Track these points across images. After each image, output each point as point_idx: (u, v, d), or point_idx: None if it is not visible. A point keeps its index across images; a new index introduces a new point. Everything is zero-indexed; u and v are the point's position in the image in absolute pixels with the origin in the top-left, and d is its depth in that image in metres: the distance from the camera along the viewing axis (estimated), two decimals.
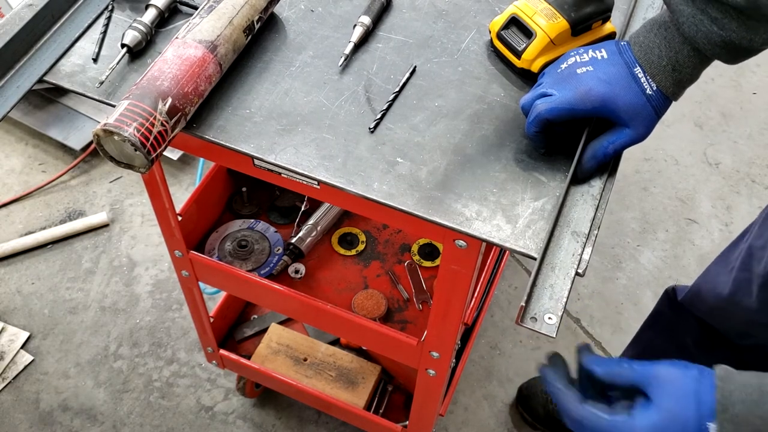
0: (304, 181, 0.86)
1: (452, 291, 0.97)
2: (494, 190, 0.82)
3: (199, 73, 0.83)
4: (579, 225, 0.78)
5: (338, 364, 1.56)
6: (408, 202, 0.80)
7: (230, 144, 0.85)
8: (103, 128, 0.77)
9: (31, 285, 1.99)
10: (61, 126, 2.22)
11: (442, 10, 1.00)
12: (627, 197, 2.24)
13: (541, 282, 0.73)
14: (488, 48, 0.96)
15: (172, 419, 1.77)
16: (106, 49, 0.93)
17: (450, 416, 1.80)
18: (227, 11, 0.88)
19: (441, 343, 1.10)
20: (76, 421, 1.77)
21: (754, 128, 2.43)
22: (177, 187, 2.18)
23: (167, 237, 1.26)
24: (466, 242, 0.85)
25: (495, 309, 1.98)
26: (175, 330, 1.91)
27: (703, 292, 1.31)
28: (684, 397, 0.68)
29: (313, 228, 1.48)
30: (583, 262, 0.75)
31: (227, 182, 1.47)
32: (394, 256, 1.50)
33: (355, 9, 0.99)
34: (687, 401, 0.68)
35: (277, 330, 1.61)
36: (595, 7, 0.90)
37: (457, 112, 0.89)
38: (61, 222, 2.12)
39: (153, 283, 2.00)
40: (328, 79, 0.91)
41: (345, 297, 1.43)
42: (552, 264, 0.75)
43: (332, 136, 0.86)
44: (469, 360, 1.87)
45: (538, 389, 1.76)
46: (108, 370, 1.85)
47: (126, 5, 0.98)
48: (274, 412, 1.78)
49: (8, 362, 1.84)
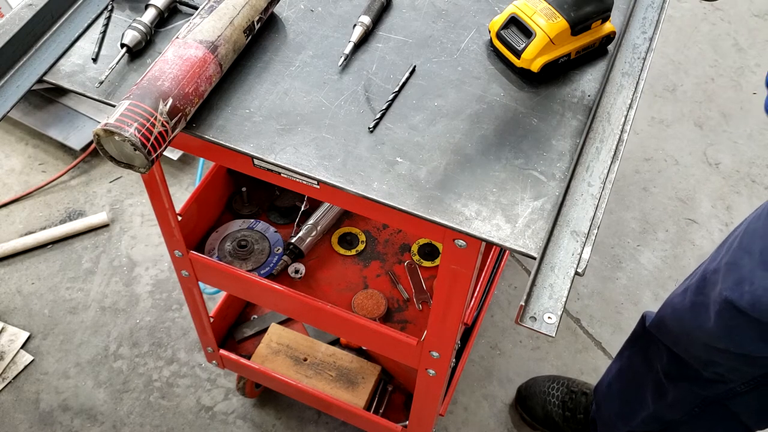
0: (303, 181, 0.86)
1: (452, 291, 0.97)
2: (494, 190, 0.82)
3: (199, 74, 0.83)
4: (578, 225, 0.78)
5: (338, 364, 1.56)
6: (408, 202, 0.80)
7: (230, 144, 0.85)
8: (103, 128, 0.77)
9: (31, 285, 1.99)
10: (61, 126, 2.22)
11: (442, 10, 1.00)
12: (627, 197, 2.24)
13: (541, 281, 0.73)
14: (488, 48, 0.96)
15: (172, 419, 1.77)
16: (105, 49, 0.93)
17: (450, 416, 1.80)
18: (228, 11, 0.88)
19: (441, 343, 1.10)
20: (76, 421, 1.77)
21: (754, 128, 2.43)
22: (177, 187, 2.18)
23: (167, 237, 1.26)
24: (466, 242, 0.85)
25: (495, 309, 1.98)
26: (175, 330, 1.92)
27: (666, 319, 1.31)
28: None
29: (313, 228, 1.48)
30: (582, 262, 0.75)
31: (227, 182, 1.47)
32: (394, 256, 1.50)
33: (355, 9, 0.99)
34: None
35: (277, 330, 1.61)
36: (594, 6, 0.90)
37: (457, 112, 0.89)
38: (61, 222, 2.12)
39: (153, 283, 2.00)
40: (328, 78, 0.91)
41: (345, 297, 1.43)
42: (551, 263, 0.75)
43: (332, 135, 0.86)
44: (469, 360, 1.87)
45: (536, 389, 1.76)
46: (108, 370, 1.85)
47: (126, 5, 0.98)
48: (274, 412, 1.78)
49: (8, 362, 1.84)
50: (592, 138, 0.85)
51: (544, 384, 1.77)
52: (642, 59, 0.94)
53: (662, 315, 1.33)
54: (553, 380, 1.77)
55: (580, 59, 0.94)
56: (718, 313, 1.14)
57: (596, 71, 0.94)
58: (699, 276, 1.21)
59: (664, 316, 1.32)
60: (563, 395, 1.73)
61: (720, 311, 1.13)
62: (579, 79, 0.93)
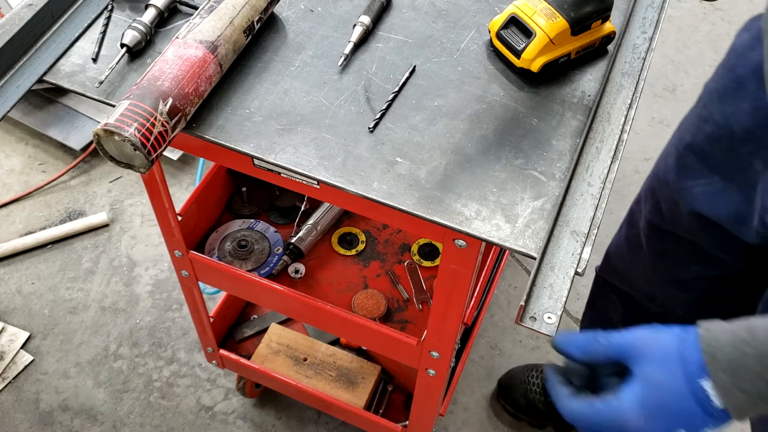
0: (303, 181, 0.86)
1: (452, 291, 0.97)
2: (494, 190, 0.82)
3: (199, 74, 0.83)
4: (578, 224, 0.78)
5: (338, 364, 1.56)
6: (407, 202, 0.80)
7: (230, 144, 0.85)
8: (103, 128, 0.77)
9: (31, 285, 1.99)
10: (61, 126, 2.22)
11: (442, 10, 1.00)
12: (627, 197, 2.23)
13: (541, 281, 0.73)
14: (488, 48, 0.96)
15: (172, 419, 1.77)
16: (105, 49, 0.93)
17: (450, 416, 1.80)
18: (228, 11, 0.88)
19: (441, 343, 1.10)
20: (76, 421, 1.77)
21: None
22: (177, 187, 2.18)
23: (167, 237, 1.26)
24: (466, 242, 0.85)
25: (495, 309, 1.98)
26: (175, 330, 1.92)
27: (610, 258, 1.38)
28: (666, 360, 0.61)
29: (313, 228, 1.48)
30: (582, 262, 0.75)
31: (227, 182, 1.47)
32: (394, 256, 1.50)
33: (355, 9, 0.99)
34: (670, 364, 0.61)
35: (277, 330, 1.61)
36: (594, 6, 0.90)
37: (457, 112, 0.89)
38: (61, 222, 2.12)
39: (153, 283, 2.00)
40: (328, 78, 0.91)
41: (345, 297, 1.43)
42: (551, 263, 0.75)
43: (332, 135, 0.86)
44: (469, 360, 1.87)
45: (517, 380, 1.78)
46: (108, 370, 1.85)
47: (126, 5, 0.98)
48: (274, 412, 1.78)
49: (8, 362, 1.84)
50: (592, 138, 0.85)
51: (524, 373, 1.78)
52: (642, 59, 0.94)
53: (606, 256, 1.39)
54: (531, 368, 1.78)
55: (580, 59, 0.94)
56: (647, 240, 1.20)
57: (596, 71, 0.94)
58: (628, 211, 1.29)
59: (608, 255, 1.38)
60: (543, 381, 1.73)
61: (648, 237, 1.19)
62: (579, 79, 0.93)
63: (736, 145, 0.96)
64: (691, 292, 1.23)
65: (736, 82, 0.96)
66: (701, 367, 0.59)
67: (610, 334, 0.66)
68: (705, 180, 1.03)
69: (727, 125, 0.97)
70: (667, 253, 1.19)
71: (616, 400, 0.62)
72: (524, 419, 1.77)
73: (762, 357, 0.57)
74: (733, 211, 1.00)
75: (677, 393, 0.60)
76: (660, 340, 0.63)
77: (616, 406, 0.62)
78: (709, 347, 0.59)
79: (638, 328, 0.66)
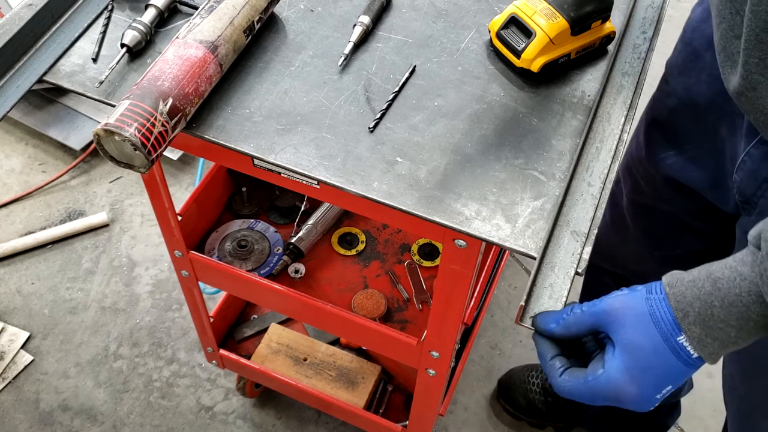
0: (303, 181, 0.86)
1: (452, 291, 0.97)
2: (494, 190, 0.82)
3: (199, 74, 0.83)
4: (578, 224, 0.78)
5: (338, 364, 1.56)
6: (407, 202, 0.80)
7: (230, 144, 0.85)
8: (103, 128, 0.77)
9: (31, 285, 1.99)
10: (61, 126, 2.22)
11: (442, 10, 1.00)
12: None
13: (541, 281, 0.73)
14: (488, 47, 0.96)
15: (172, 419, 1.77)
16: (105, 49, 0.93)
17: (450, 416, 1.80)
18: (228, 11, 0.88)
19: (441, 343, 1.10)
20: (76, 421, 1.77)
21: None
22: (177, 187, 2.18)
23: (167, 237, 1.26)
24: (466, 242, 0.85)
25: (495, 309, 1.98)
26: (175, 330, 1.92)
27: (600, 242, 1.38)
28: (640, 323, 0.63)
29: (312, 228, 1.48)
30: (582, 262, 0.75)
31: (227, 182, 1.47)
32: (394, 256, 1.50)
33: (355, 9, 0.99)
34: (645, 326, 0.63)
35: (277, 330, 1.61)
36: (594, 6, 0.90)
37: (457, 112, 0.89)
38: (61, 222, 2.12)
39: (153, 283, 2.00)
40: (328, 78, 0.91)
41: (345, 297, 1.43)
42: (551, 263, 0.75)
43: (332, 135, 0.86)
44: (469, 360, 1.87)
45: (516, 380, 1.78)
46: (108, 370, 1.85)
47: (126, 5, 0.98)
48: (274, 412, 1.78)
49: (8, 362, 1.84)
50: (592, 138, 0.85)
51: (523, 373, 1.78)
52: (642, 59, 0.94)
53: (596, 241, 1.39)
54: (531, 368, 1.78)
55: (580, 59, 0.94)
56: (632, 218, 1.21)
57: (596, 71, 0.94)
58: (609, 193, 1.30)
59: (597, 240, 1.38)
60: (543, 381, 1.74)
61: (633, 215, 1.21)
62: (579, 79, 0.93)
63: (701, 115, 0.99)
64: (681, 267, 1.24)
65: (693, 55, 0.98)
66: (675, 325, 0.62)
67: (583, 304, 0.68)
68: (674, 151, 1.06)
69: (689, 97, 1.00)
70: (652, 228, 1.20)
71: (605, 373, 0.65)
72: (524, 419, 1.77)
73: (728, 306, 0.61)
74: (707, 176, 1.01)
75: (659, 354, 0.63)
76: (630, 304, 0.65)
77: (606, 378, 0.65)
78: (678, 304, 0.63)
79: (609, 295, 0.68)
